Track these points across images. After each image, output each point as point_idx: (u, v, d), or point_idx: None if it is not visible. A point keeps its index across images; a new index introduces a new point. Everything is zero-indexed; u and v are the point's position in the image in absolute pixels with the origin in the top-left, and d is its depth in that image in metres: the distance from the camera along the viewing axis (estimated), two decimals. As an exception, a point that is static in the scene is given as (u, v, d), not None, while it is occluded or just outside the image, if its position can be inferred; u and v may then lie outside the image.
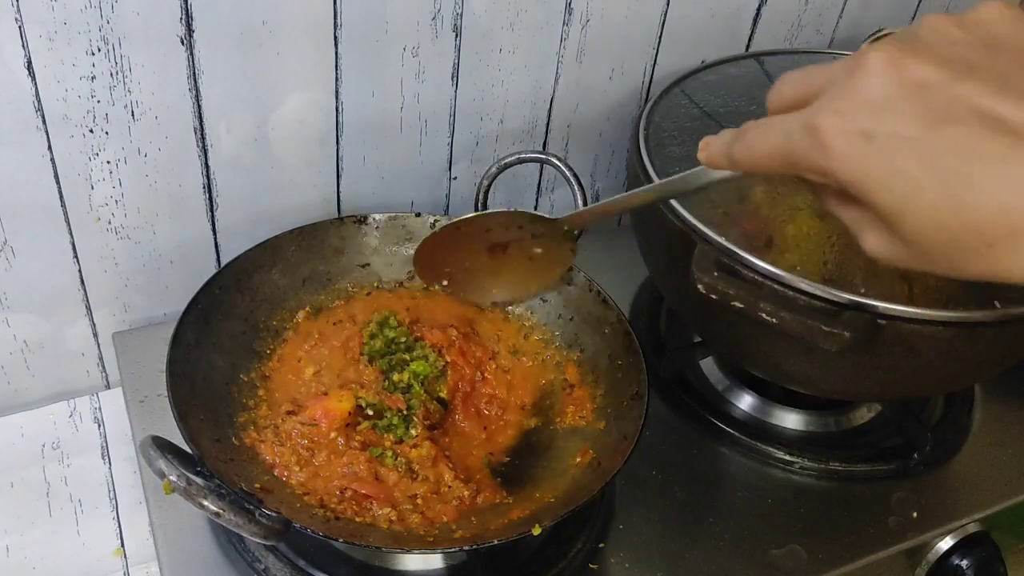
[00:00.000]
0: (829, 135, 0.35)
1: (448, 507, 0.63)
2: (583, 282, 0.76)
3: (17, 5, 0.62)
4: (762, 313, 0.63)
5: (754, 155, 0.39)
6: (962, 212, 0.32)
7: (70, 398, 0.82)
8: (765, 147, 0.38)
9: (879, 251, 0.37)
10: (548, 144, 0.93)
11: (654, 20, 0.88)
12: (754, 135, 0.39)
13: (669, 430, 0.79)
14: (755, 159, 0.39)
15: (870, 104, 0.34)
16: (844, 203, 0.38)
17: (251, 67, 0.73)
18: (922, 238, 0.34)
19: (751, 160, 0.40)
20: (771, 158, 0.38)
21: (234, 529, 0.55)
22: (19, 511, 0.73)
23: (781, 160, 0.38)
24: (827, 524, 0.73)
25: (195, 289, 0.69)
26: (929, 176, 0.32)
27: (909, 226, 0.34)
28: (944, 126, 0.32)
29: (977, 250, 0.33)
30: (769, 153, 0.38)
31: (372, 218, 0.79)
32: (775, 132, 0.38)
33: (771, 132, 0.38)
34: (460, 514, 0.63)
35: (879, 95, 0.34)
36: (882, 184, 0.34)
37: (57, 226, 0.74)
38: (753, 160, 0.40)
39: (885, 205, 0.34)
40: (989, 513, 0.76)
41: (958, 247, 0.33)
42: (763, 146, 0.39)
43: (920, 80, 0.33)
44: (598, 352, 0.74)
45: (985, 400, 0.86)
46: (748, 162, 0.40)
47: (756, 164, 0.40)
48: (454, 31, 0.79)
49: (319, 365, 0.71)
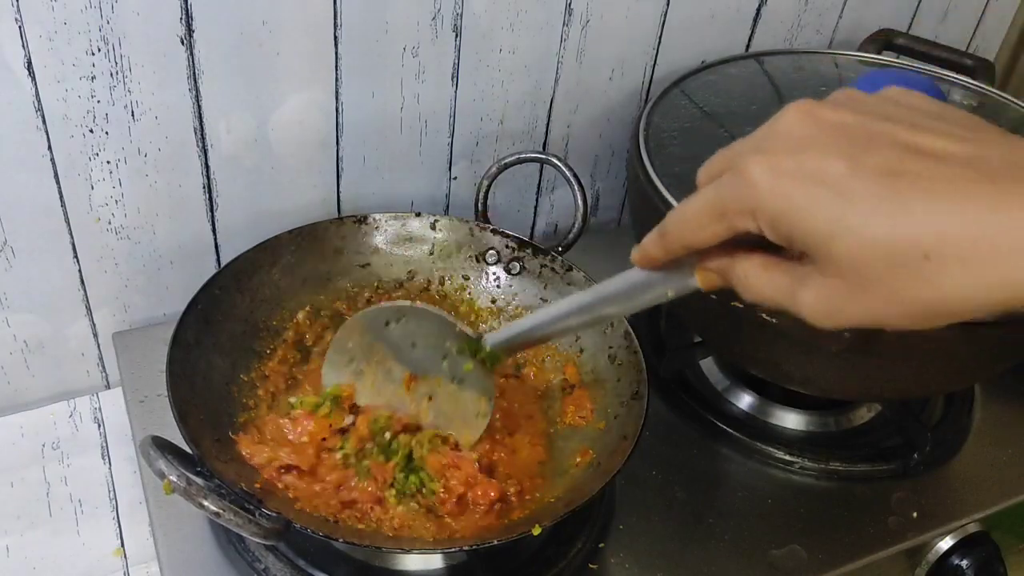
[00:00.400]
0: (754, 172, 0.35)
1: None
2: (583, 282, 0.76)
3: (17, 5, 0.62)
4: (762, 313, 0.63)
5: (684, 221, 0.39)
6: (894, 221, 0.32)
7: (70, 398, 0.82)
8: (695, 208, 0.38)
9: (817, 306, 0.36)
10: (548, 144, 0.93)
11: (654, 20, 0.88)
12: (681, 207, 0.39)
13: (669, 430, 0.79)
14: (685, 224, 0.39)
15: (792, 142, 0.35)
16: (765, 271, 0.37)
17: (251, 67, 0.73)
18: (855, 260, 0.33)
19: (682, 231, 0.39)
20: (701, 215, 0.38)
21: (234, 529, 0.55)
22: (19, 511, 0.73)
23: (712, 213, 0.37)
24: (827, 524, 0.73)
25: (195, 289, 0.69)
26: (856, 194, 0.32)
27: (841, 248, 0.33)
28: (867, 153, 0.33)
29: (916, 267, 0.32)
30: (699, 210, 0.38)
31: (372, 218, 0.79)
32: (703, 193, 0.38)
33: (700, 193, 0.38)
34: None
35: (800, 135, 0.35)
36: (810, 209, 0.33)
37: (57, 226, 0.74)
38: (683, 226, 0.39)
39: (814, 232, 0.33)
40: (989, 513, 0.76)
41: (895, 264, 0.32)
42: (693, 208, 0.38)
43: (838, 122, 0.35)
44: (598, 352, 0.74)
45: (985, 400, 0.86)
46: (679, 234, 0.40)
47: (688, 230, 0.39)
48: (454, 31, 0.79)
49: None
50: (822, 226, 0.33)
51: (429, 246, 0.80)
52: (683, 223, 0.39)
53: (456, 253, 0.81)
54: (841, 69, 0.87)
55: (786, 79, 0.87)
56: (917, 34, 0.99)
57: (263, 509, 0.56)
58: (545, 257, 0.79)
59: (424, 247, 0.80)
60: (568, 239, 0.80)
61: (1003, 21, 1.13)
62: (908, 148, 0.33)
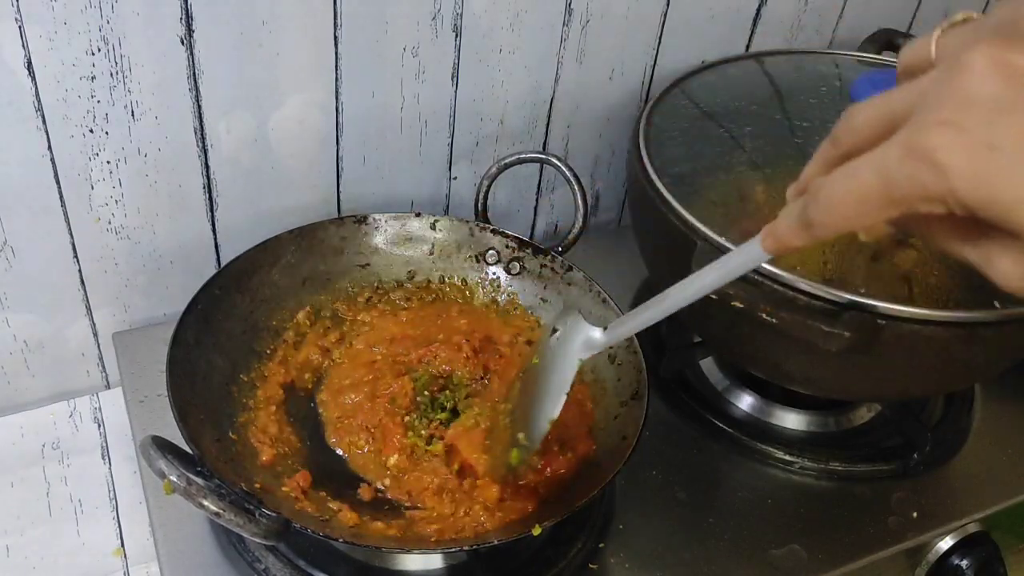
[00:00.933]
0: (943, 153, 0.29)
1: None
2: (583, 282, 0.76)
3: (17, 5, 0.62)
4: (762, 313, 0.63)
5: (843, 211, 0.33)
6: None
7: (70, 398, 0.82)
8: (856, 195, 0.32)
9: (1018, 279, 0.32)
10: (548, 144, 0.93)
11: (654, 20, 0.88)
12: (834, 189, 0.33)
13: (669, 430, 0.79)
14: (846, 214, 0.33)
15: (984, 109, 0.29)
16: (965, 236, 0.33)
17: (251, 67, 0.73)
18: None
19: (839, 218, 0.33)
20: (867, 204, 0.32)
21: (234, 529, 0.55)
22: (19, 511, 0.73)
23: (882, 201, 0.31)
24: (827, 524, 0.73)
25: (195, 289, 0.69)
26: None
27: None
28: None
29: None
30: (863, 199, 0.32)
31: (372, 218, 0.79)
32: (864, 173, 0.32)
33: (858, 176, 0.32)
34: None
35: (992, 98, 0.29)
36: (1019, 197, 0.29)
37: (57, 226, 0.74)
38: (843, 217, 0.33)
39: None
40: (989, 513, 0.76)
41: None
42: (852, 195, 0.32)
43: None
44: (598, 352, 0.74)
45: (985, 400, 0.86)
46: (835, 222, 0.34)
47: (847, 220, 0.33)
48: (454, 31, 0.79)
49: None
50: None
51: (429, 246, 0.80)
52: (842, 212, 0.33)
53: (456, 253, 0.81)
54: (841, 69, 0.87)
55: (786, 79, 0.87)
56: (917, 34, 0.99)
57: (263, 509, 0.56)
58: (545, 257, 0.79)
59: (424, 247, 0.80)
60: (568, 239, 0.80)
61: (1003, 21, 1.13)
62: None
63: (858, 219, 0.33)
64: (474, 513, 0.63)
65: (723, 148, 0.77)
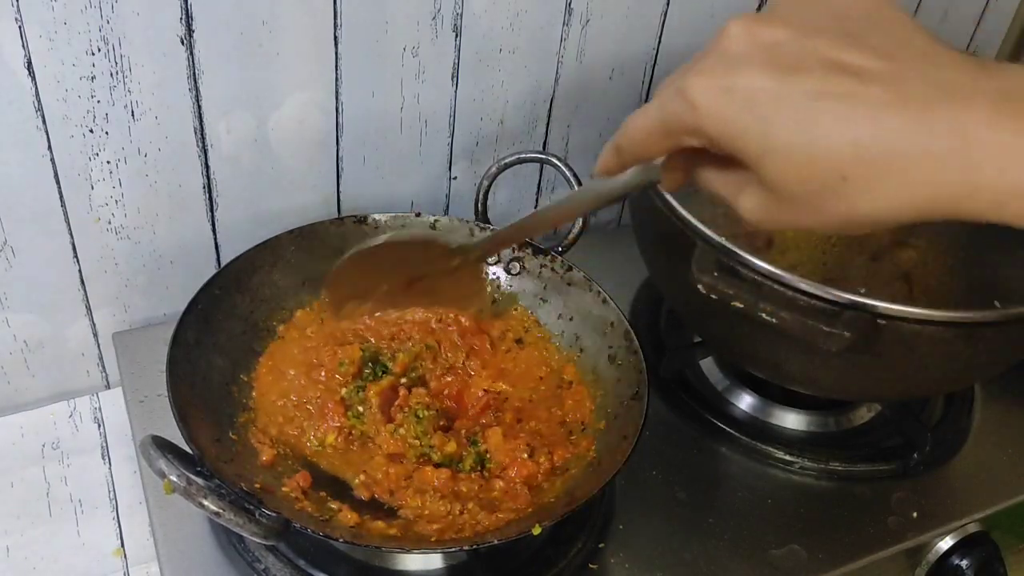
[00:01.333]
0: (695, 92, 0.36)
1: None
2: (583, 282, 0.76)
3: (17, 5, 0.62)
4: (762, 313, 0.63)
5: (636, 137, 0.41)
6: (814, 146, 0.34)
7: (70, 398, 0.82)
8: (644, 125, 0.40)
9: (754, 211, 0.38)
10: (548, 144, 0.93)
11: (654, 20, 0.88)
12: (632, 120, 0.41)
13: (669, 430, 0.79)
14: (637, 140, 0.41)
15: (728, 61, 0.36)
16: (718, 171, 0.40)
17: (251, 67, 0.73)
18: (783, 180, 0.36)
19: (634, 144, 0.41)
20: (651, 133, 0.39)
21: (234, 529, 0.55)
22: (19, 511, 0.73)
23: (660, 131, 0.39)
24: (827, 524, 0.73)
25: (195, 289, 0.69)
26: (782, 117, 0.35)
27: (770, 169, 0.36)
28: (795, 74, 0.35)
29: (833, 187, 0.35)
30: (648, 128, 0.40)
31: (372, 218, 0.79)
32: (651, 108, 0.39)
33: (648, 110, 0.40)
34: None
35: (735, 52, 0.37)
36: (743, 131, 0.36)
37: (57, 226, 0.74)
38: (636, 143, 0.41)
39: (748, 151, 0.36)
40: (989, 513, 0.76)
41: (816, 184, 0.35)
42: (643, 125, 0.40)
43: (772, 39, 0.36)
44: (598, 352, 0.74)
45: (985, 400, 0.86)
46: (632, 147, 0.41)
47: (640, 146, 0.41)
48: (454, 31, 0.79)
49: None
50: (752, 147, 0.36)
51: (429, 246, 0.80)
52: (635, 139, 0.41)
53: (456, 253, 0.80)
54: (841, 69, 0.87)
55: (786, 79, 0.87)
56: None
57: (263, 509, 0.56)
58: (545, 257, 0.79)
59: (424, 247, 0.80)
60: (568, 239, 0.80)
61: (1003, 21, 1.13)
62: (834, 66, 0.35)
63: (647, 146, 0.40)
64: (472, 511, 0.63)
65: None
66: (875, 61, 0.35)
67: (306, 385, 0.70)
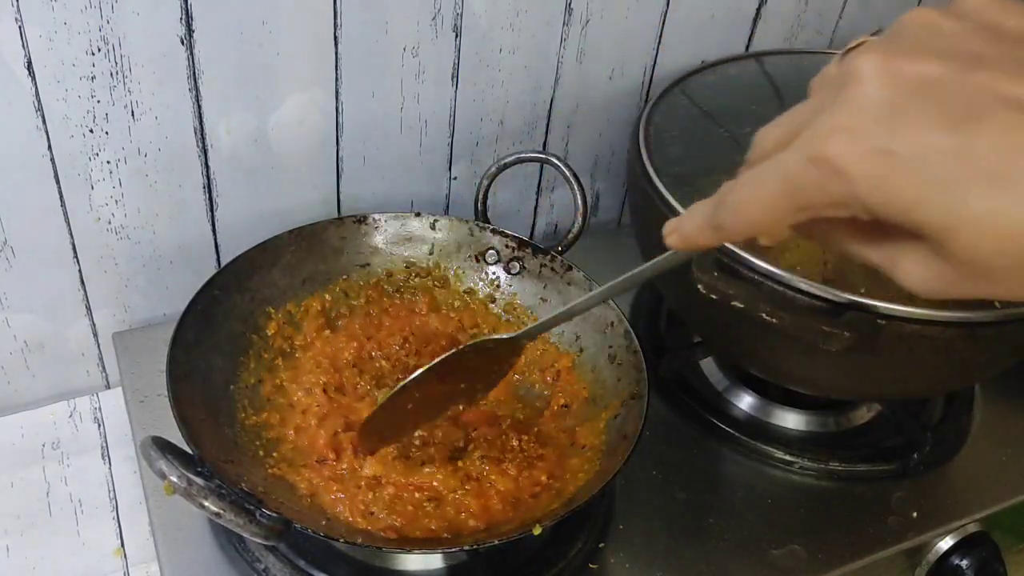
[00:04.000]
0: (842, 159, 0.30)
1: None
2: (583, 281, 0.76)
3: (17, 5, 0.62)
4: (762, 313, 0.63)
5: (749, 215, 0.34)
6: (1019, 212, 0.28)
7: (70, 398, 0.82)
8: (762, 201, 0.33)
9: (922, 281, 0.32)
10: (548, 144, 0.93)
11: (654, 20, 0.88)
12: (741, 193, 0.34)
13: (669, 430, 0.79)
14: (752, 218, 0.34)
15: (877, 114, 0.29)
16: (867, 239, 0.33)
17: (251, 67, 0.73)
18: (976, 254, 0.29)
19: (746, 222, 0.34)
20: (773, 209, 0.33)
21: (235, 529, 0.55)
22: (19, 511, 0.73)
23: (788, 206, 0.32)
24: (827, 524, 0.73)
25: (195, 289, 0.69)
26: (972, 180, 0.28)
27: (962, 242, 0.29)
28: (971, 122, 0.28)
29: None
30: (769, 205, 0.33)
31: (372, 218, 0.79)
32: (769, 179, 0.32)
33: (763, 181, 0.33)
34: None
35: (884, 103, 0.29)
36: (921, 201, 0.29)
37: (57, 226, 0.74)
38: (749, 220, 0.34)
39: (928, 224, 0.29)
40: (989, 513, 0.76)
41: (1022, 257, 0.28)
42: (758, 201, 0.33)
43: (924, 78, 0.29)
44: (598, 352, 0.74)
45: (985, 400, 0.86)
46: (742, 226, 0.34)
47: (754, 224, 0.34)
48: (454, 31, 0.79)
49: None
50: (934, 219, 0.29)
51: (429, 246, 0.80)
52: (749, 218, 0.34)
53: (456, 253, 0.81)
54: (841, 69, 0.87)
55: (786, 79, 0.87)
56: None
57: (263, 509, 0.56)
58: (545, 257, 0.79)
59: (424, 247, 0.80)
60: (568, 239, 0.80)
61: (1003, 21, 1.13)
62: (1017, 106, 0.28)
63: (764, 224, 0.34)
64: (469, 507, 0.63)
65: (723, 148, 0.77)
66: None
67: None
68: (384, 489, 0.63)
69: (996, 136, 0.28)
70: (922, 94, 0.29)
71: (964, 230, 0.29)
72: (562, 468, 0.67)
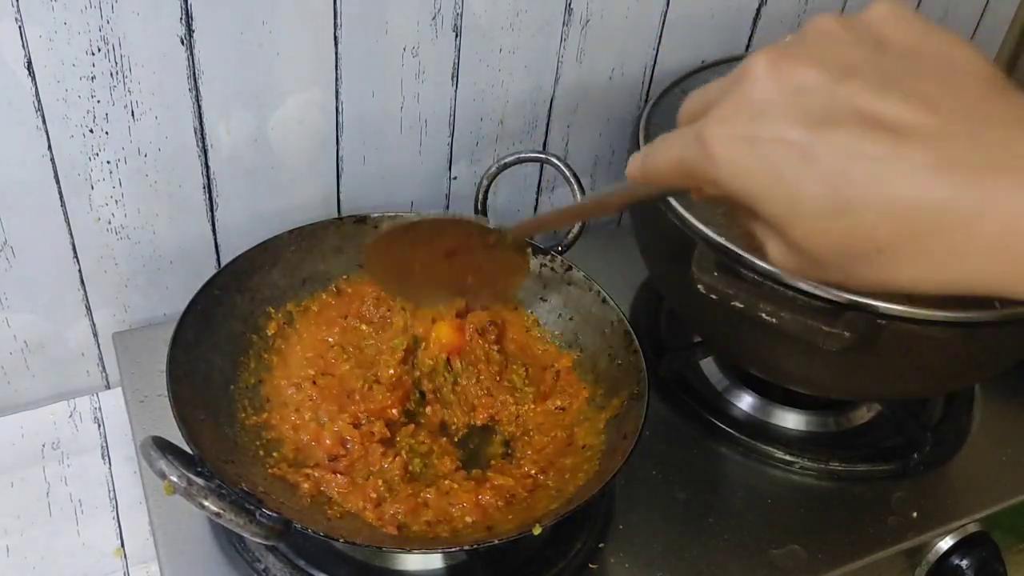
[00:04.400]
0: (713, 143, 0.33)
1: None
2: (583, 281, 0.76)
3: (17, 5, 0.62)
4: (762, 313, 0.63)
5: (658, 168, 0.38)
6: (845, 217, 0.31)
7: (70, 398, 0.82)
8: (666, 159, 0.37)
9: (781, 261, 0.35)
10: (548, 144, 0.93)
11: (654, 20, 0.88)
12: (657, 147, 0.38)
13: (669, 430, 0.79)
14: (659, 171, 0.38)
15: (751, 109, 0.33)
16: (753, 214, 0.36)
17: (251, 67, 0.73)
18: (810, 246, 0.32)
19: (656, 173, 0.38)
20: (670, 171, 0.37)
21: (235, 529, 0.55)
22: (19, 511, 0.73)
23: (679, 172, 0.36)
24: (827, 524, 0.73)
25: (195, 289, 0.69)
26: (810, 180, 0.31)
27: (796, 233, 0.32)
28: (824, 128, 0.31)
29: (867, 256, 0.31)
30: (668, 166, 0.37)
31: (372, 218, 0.79)
32: (674, 144, 0.36)
33: (671, 144, 0.37)
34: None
35: (760, 99, 0.33)
36: (765, 191, 0.32)
37: (57, 226, 0.74)
38: (658, 173, 0.38)
39: (770, 213, 0.33)
40: (989, 513, 0.76)
41: (847, 254, 0.32)
42: (664, 158, 0.37)
43: (801, 82, 0.32)
44: (598, 352, 0.74)
45: (985, 400, 0.86)
46: (655, 175, 0.38)
47: (661, 177, 0.38)
48: (454, 31, 0.79)
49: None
50: (776, 210, 0.32)
51: (429, 246, 0.80)
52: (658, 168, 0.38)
53: (456, 253, 0.80)
54: (841, 69, 0.87)
55: (786, 79, 0.87)
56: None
57: (263, 509, 0.56)
58: (545, 257, 0.78)
59: (424, 247, 0.80)
60: (568, 239, 0.80)
61: (1003, 21, 1.13)
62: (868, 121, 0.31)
63: (666, 179, 0.38)
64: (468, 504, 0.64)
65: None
66: (916, 114, 0.30)
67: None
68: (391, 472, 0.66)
69: (840, 143, 0.31)
70: (796, 96, 0.32)
71: (800, 223, 0.32)
72: (561, 468, 0.67)
